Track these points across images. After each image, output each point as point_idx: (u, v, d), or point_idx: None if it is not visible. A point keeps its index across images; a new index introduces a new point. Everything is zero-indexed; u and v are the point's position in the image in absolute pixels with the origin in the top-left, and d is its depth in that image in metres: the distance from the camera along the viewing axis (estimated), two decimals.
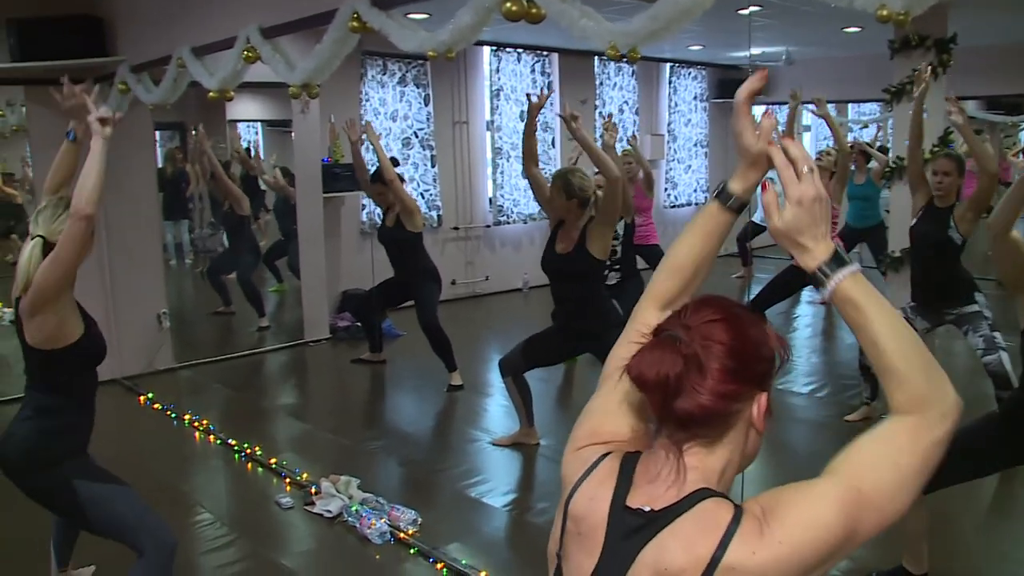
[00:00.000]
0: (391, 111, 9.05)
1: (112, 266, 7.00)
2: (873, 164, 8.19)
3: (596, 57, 10.46)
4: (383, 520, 4.14)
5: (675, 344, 1.31)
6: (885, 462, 1.26)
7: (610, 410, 1.51)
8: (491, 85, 9.80)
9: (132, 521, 3.04)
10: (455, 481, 4.80)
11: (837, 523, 1.21)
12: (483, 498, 4.55)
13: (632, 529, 1.31)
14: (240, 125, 9.77)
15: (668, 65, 11.66)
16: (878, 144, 10.02)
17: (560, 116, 4.78)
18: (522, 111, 9.85)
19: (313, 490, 4.56)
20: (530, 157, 4.94)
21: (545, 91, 5.05)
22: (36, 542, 3.76)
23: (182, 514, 4.53)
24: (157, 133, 7.24)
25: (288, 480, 4.82)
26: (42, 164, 6.68)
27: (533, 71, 10.04)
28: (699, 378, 1.28)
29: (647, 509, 1.31)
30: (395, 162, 6.72)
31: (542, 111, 5.07)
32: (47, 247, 2.92)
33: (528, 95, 4.78)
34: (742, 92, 1.41)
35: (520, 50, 9.86)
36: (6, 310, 8.48)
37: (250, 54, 4.47)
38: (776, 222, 1.32)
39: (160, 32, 5.50)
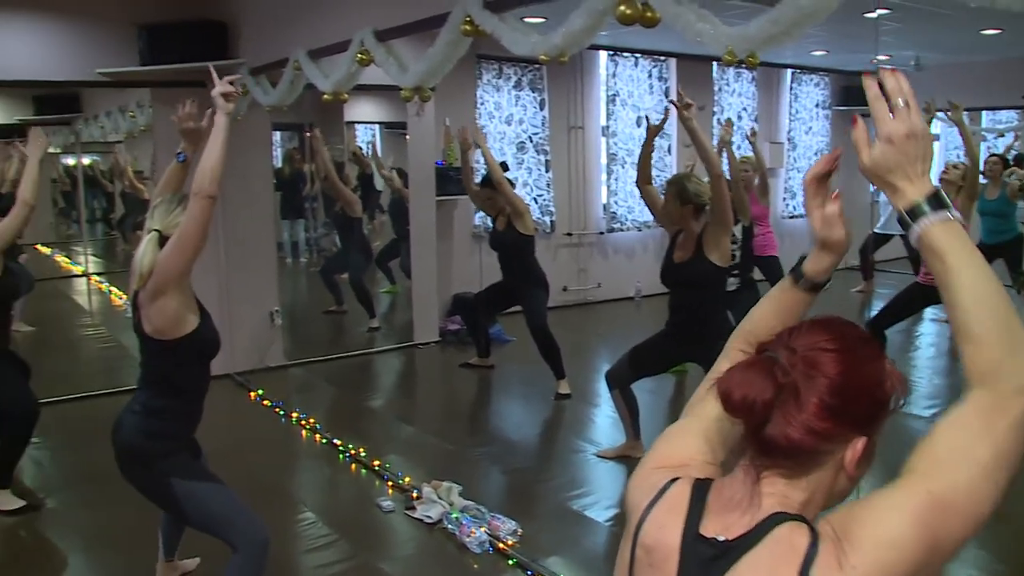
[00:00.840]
0: (506, 115, 9.04)
1: (228, 263, 7.15)
2: (1011, 178, 7.77)
3: (715, 62, 10.24)
4: (483, 529, 4.09)
5: (772, 367, 1.20)
6: (958, 455, 1.11)
7: (689, 434, 1.42)
8: (607, 90, 9.69)
9: (226, 518, 3.07)
10: (557, 492, 4.72)
11: (914, 536, 1.08)
12: (585, 511, 4.45)
13: (707, 559, 1.21)
14: (358, 127, 9.90)
15: (789, 71, 11.34)
16: (1013, 153, 9.54)
17: (671, 103, 4.63)
18: (639, 117, 9.74)
19: (415, 494, 4.54)
20: (645, 176, 4.92)
21: (666, 110, 4.89)
22: (146, 531, 3.82)
23: (285, 512, 4.57)
24: (277, 134, 7.37)
25: (391, 483, 4.81)
26: (165, 163, 6.83)
27: (650, 76, 9.90)
28: (794, 409, 1.17)
29: (721, 539, 1.20)
30: (504, 167, 6.67)
31: (659, 117, 4.95)
32: (162, 241, 2.96)
33: (647, 117, 4.66)
34: (811, 174, 1.34)
35: (637, 55, 9.73)
36: (130, 303, 8.76)
37: (364, 57, 4.49)
38: (865, 159, 1.22)
39: (277, 35, 5.59)
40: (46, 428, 5.19)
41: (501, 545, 4.00)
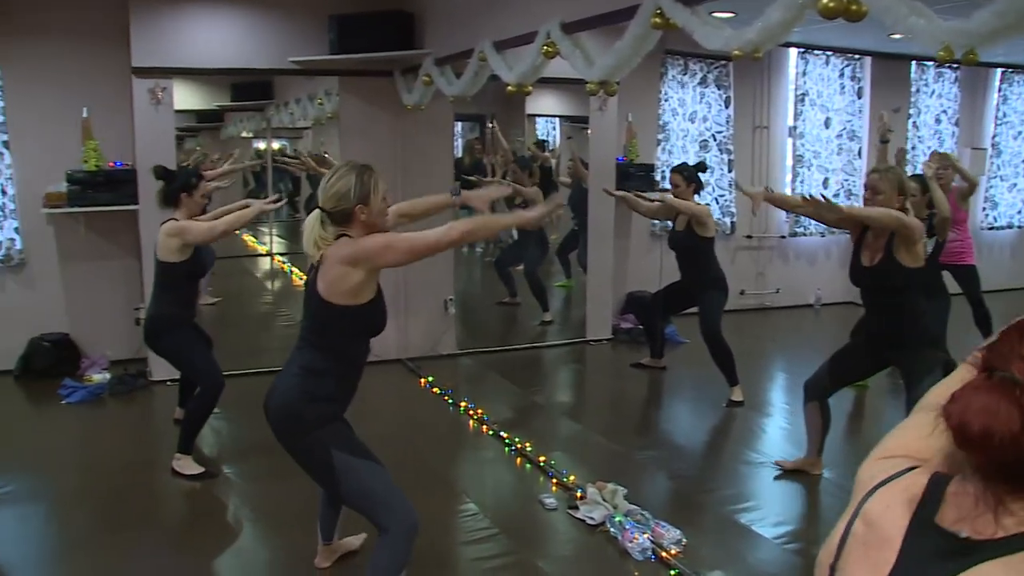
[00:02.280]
0: (689, 112, 8.84)
1: None
2: None
3: (913, 62, 9.70)
4: (646, 535, 3.98)
5: (1013, 390, 1.04)
6: None
7: (925, 431, 1.28)
8: (796, 89, 9.33)
9: (380, 498, 3.08)
10: (725, 503, 4.56)
11: None
12: (753, 525, 4.27)
13: (942, 551, 1.09)
14: (538, 120, 9.90)
15: (999, 70, 10.60)
16: None
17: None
18: (827, 118, 9.35)
19: (579, 494, 4.49)
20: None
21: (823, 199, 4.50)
22: (313, 509, 3.91)
23: (447, 501, 4.60)
24: (459, 125, 7.44)
25: (555, 480, 4.77)
26: (349, 148, 7.06)
27: (841, 75, 9.46)
28: None
29: (964, 535, 1.09)
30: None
31: (850, 119, 4.79)
32: (326, 215, 3.05)
33: (810, 196, 4.35)
34: None
35: (829, 52, 9.32)
36: None
37: (549, 49, 4.44)
38: None
39: (463, 26, 5.63)
40: (224, 400, 5.39)
41: (664, 554, 3.88)
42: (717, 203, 9.01)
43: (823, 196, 4.31)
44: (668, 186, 6.80)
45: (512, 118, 9.59)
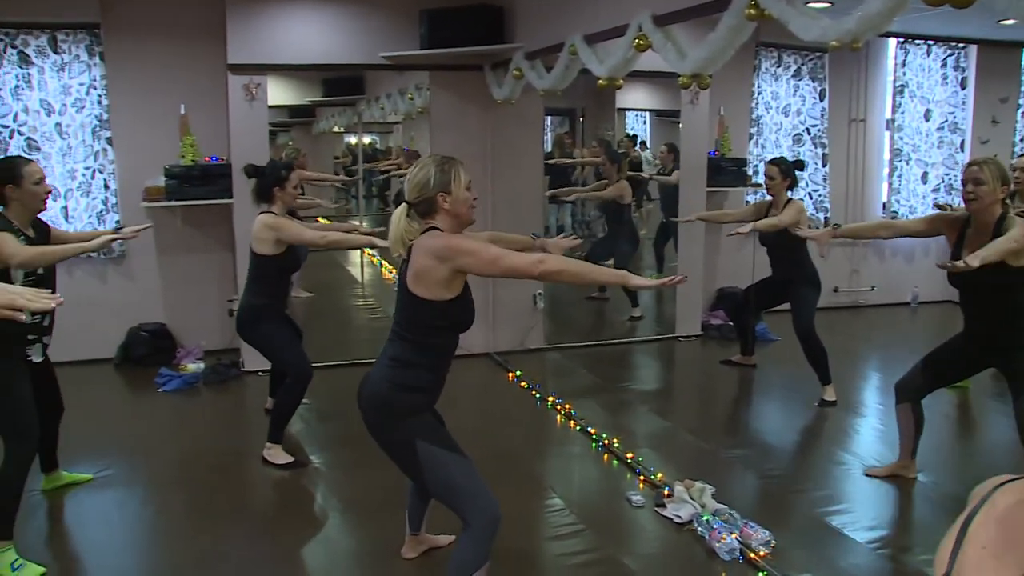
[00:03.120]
0: (783, 105, 8.67)
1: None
2: None
3: None
4: (734, 536, 3.91)
5: None
6: None
7: None
8: (894, 80, 9.07)
9: (464, 489, 3.08)
10: (815, 505, 4.44)
11: None
12: (844, 529, 4.15)
13: None
14: (628, 114, 9.82)
15: None
16: None
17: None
18: (928, 110, 9.08)
19: (666, 492, 4.43)
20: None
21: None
22: (400, 501, 3.94)
23: (534, 496, 4.59)
24: (547, 119, 7.42)
25: (642, 477, 4.72)
26: (439, 143, 7.09)
27: (944, 65, 9.16)
28: None
29: None
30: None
31: (952, 110, 4.58)
32: (411, 207, 3.09)
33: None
34: None
35: (930, 42, 9.02)
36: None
37: (641, 42, 4.39)
38: None
39: (554, 20, 5.60)
40: (314, 391, 5.47)
41: (752, 555, 3.81)
42: (811, 198, 8.82)
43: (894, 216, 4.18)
44: (762, 180, 6.65)
45: (602, 112, 9.53)
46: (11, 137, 6.77)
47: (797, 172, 6.22)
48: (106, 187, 7.01)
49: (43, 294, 2.13)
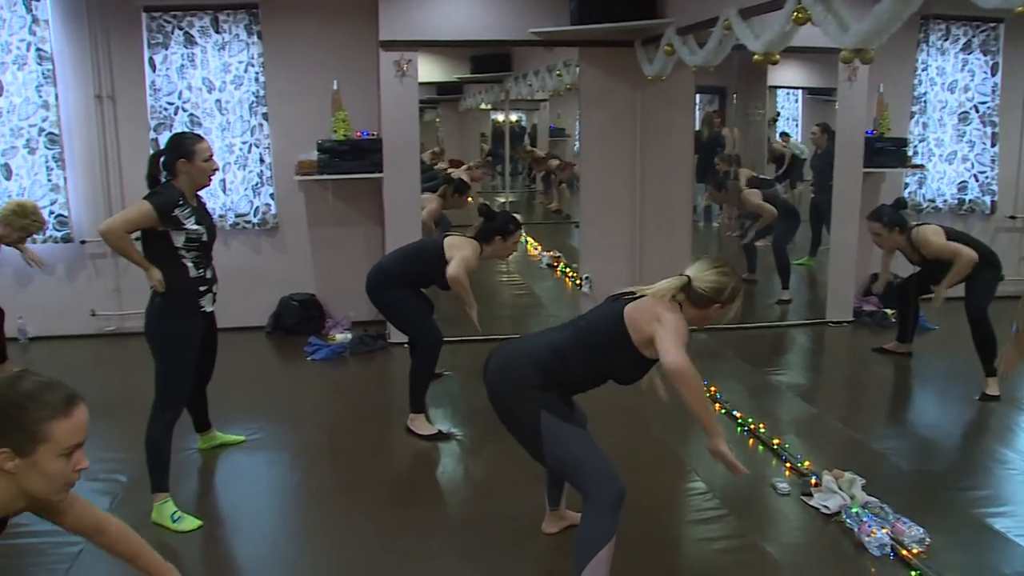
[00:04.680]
0: (948, 82, 8.23)
1: (643, 223, 7.21)
2: None
3: None
4: (885, 531, 3.74)
5: None
6: None
7: None
8: None
9: (585, 465, 3.05)
10: (974, 505, 4.19)
11: None
12: (1008, 533, 3.89)
13: None
14: (779, 92, 9.50)
15: None
16: None
17: None
18: None
19: (813, 481, 4.28)
20: None
21: None
22: (535, 481, 3.93)
23: (676, 478, 4.52)
24: (697, 96, 7.25)
25: (788, 465, 4.58)
26: (588, 120, 7.04)
27: None
28: None
29: None
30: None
31: None
32: (688, 286, 3.18)
33: None
34: None
35: None
36: (544, 254, 9.15)
37: (800, 15, 4.23)
38: None
39: None
40: (456, 364, 5.53)
41: (905, 552, 3.63)
42: (976, 180, 8.36)
43: None
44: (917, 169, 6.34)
45: (752, 90, 9.26)
46: (175, 114, 7.07)
47: (903, 212, 5.99)
48: (261, 161, 7.25)
49: None
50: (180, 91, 7.08)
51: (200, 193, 4.27)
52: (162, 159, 4.13)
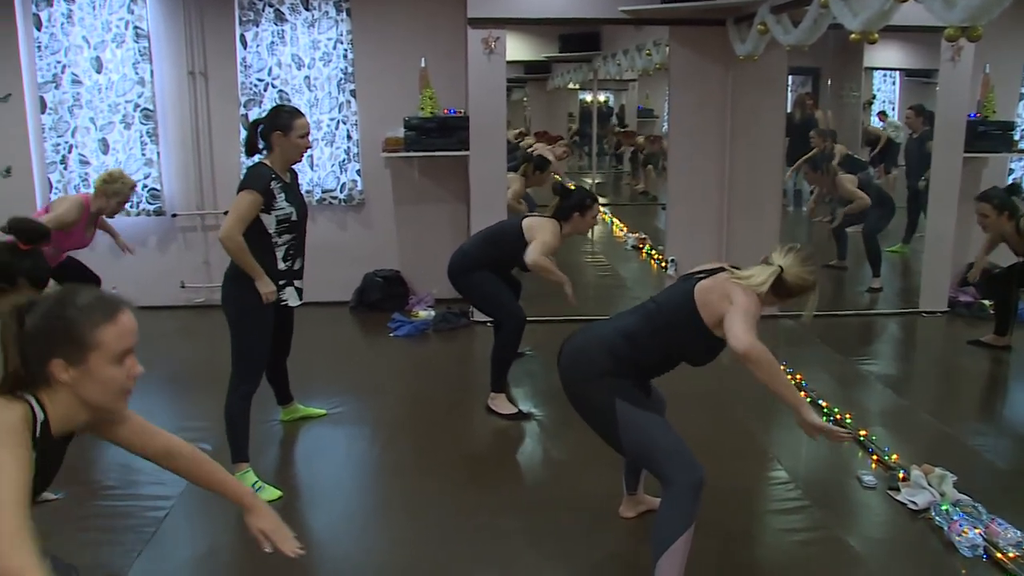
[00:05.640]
0: None
1: (731, 207, 7.07)
2: None
3: None
4: (978, 531, 3.60)
5: None
6: None
7: None
8: None
9: (663, 451, 2.99)
10: None
11: None
12: None
13: None
14: (875, 73, 9.22)
15: None
16: None
17: None
18: None
19: (901, 475, 4.14)
20: None
21: None
22: (614, 464, 3.88)
23: (758, 466, 4.43)
24: (789, 77, 7.07)
25: (875, 457, 4.45)
26: (678, 100, 6.91)
27: None
28: None
29: None
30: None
31: None
32: (779, 278, 3.13)
33: None
34: None
35: None
36: (630, 235, 9.05)
37: None
38: None
39: None
40: (541, 343, 5.50)
41: (999, 555, 3.48)
42: None
43: None
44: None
45: (847, 71, 9.00)
46: (265, 90, 7.16)
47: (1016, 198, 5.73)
48: (349, 137, 7.30)
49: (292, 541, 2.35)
50: (270, 68, 7.16)
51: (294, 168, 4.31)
52: (260, 128, 4.17)
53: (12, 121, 7.12)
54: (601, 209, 5.23)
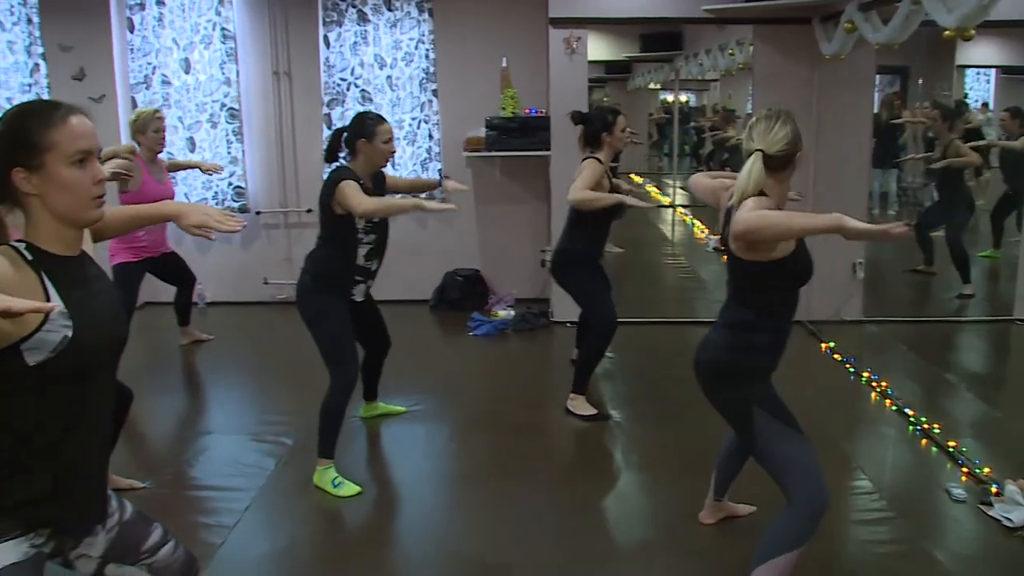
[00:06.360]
0: None
1: (814, 209, 6.91)
2: None
3: None
4: None
5: None
6: None
7: None
8: None
9: (795, 468, 2.93)
10: None
11: None
12: None
13: None
14: (968, 71, 8.96)
15: None
16: None
17: None
18: None
19: (994, 489, 4.00)
20: None
21: None
22: (702, 462, 3.83)
23: (839, 474, 4.31)
24: (876, 77, 6.91)
25: (965, 470, 4.30)
26: (762, 101, 6.79)
27: None
28: None
29: None
30: None
31: None
32: (766, 160, 2.88)
33: None
34: None
35: None
36: (711, 238, 8.95)
37: None
38: None
39: None
40: (620, 347, 5.46)
41: None
42: None
43: None
44: None
45: (937, 70, 8.77)
46: (348, 90, 7.25)
47: None
48: (430, 137, 7.35)
49: (234, 218, 2.21)
50: (352, 67, 7.24)
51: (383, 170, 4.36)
52: (344, 136, 4.23)
53: (106, 121, 7.31)
54: (625, 121, 5.05)
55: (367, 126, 4.16)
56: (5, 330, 1.75)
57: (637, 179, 9.76)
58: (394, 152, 4.30)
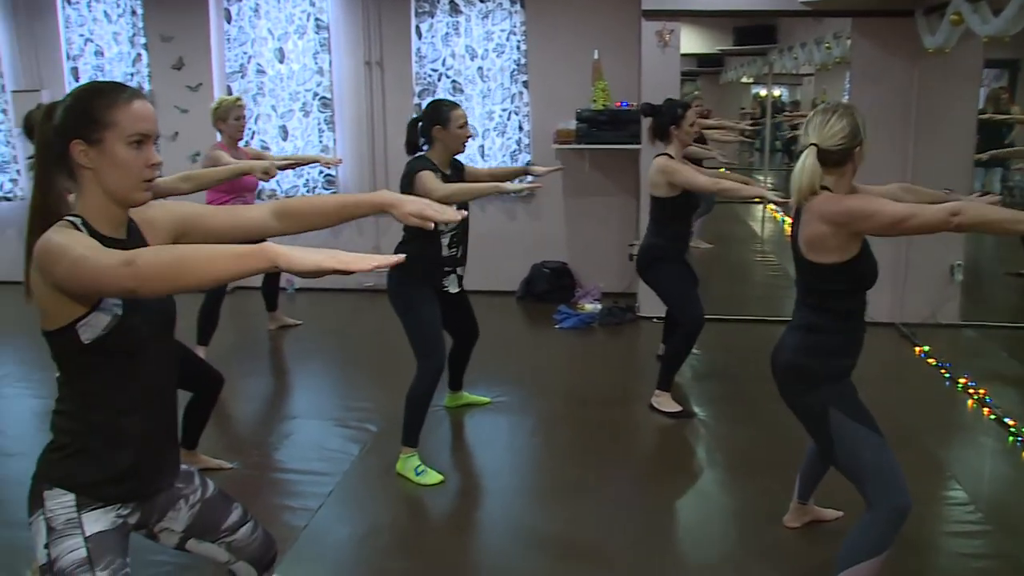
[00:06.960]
0: None
1: None
2: None
3: None
4: None
5: None
6: None
7: None
8: None
9: (873, 471, 2.84)
10: None
11: None
12: None
13: None
14: None
15: None
16: None
17: None
18: None
19: None
20: None
21: None
22: (786, 463, 3.76)
23: (933, 483, 4.18)
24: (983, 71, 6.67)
25: None
26: (859, 96, 6.62)
27: None
28: None
29: None
30: None
31: None
32: (821, 155, 2.81)
33: None
34: None
35: None
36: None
37: None
38: None
39: None
40: (706, 344, 5.38)
41: None
42: None
43: None
44: None
45: None
46: (439, 80, 7.29)
47: None
48: (520, 128, 7.34)
49: (450, 209, 2.19)
50: (444, 58, 7.28)
51: (460, 158, 4.36)
52: (420, 125, 4.25)
53: (203, 109, 7.46)
54: (702, 122, 4.98)
55: (442, 112, 4.17)
56: (66, 308, 1.84)
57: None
58: (470, 136, 4.30)
